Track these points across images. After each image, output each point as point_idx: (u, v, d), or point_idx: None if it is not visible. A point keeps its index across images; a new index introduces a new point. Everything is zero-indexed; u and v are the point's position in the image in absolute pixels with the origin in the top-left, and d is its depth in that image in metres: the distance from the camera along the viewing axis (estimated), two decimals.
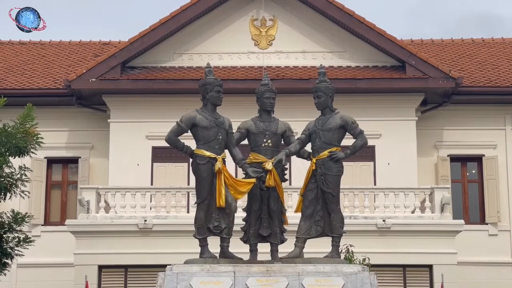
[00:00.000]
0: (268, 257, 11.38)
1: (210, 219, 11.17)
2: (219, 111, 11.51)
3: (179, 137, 11.30)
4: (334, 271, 10.66)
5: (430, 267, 20.55)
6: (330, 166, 11.26)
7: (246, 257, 11.38)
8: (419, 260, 20.49)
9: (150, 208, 21.01)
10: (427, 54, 25.02)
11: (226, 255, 11.22)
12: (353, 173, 21.10)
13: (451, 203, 21.43)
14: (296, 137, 11.69)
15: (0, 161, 13.56)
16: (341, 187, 11.59)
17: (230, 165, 11.48)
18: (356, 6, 24.31)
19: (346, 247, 17.03)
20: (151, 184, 22.83)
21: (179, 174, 22.41)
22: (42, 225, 23.50)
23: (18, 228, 15.66)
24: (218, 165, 11.05)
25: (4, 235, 15.58)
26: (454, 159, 24.53)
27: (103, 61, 23.74)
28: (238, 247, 11.47)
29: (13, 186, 14.56)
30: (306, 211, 11.35)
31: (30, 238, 15.85)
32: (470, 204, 24.46)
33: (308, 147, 11.68)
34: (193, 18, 24.07)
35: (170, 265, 10.87)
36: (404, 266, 20.54)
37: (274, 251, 11.44)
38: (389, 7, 56.83)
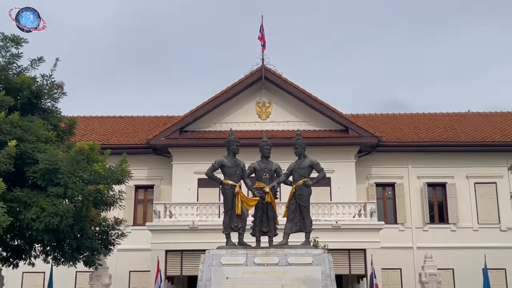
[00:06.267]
0: (267, 244, 11.27)
1: (232, 222, 11.10)
2: (237, 157, 11.50)
3: (213, 172, 11.29)
4: (306, 253, 10.58)
5: (364, 250, 20.39)
6: (304, 190, 11.19)
7: (253, 244, 11.29)
8: (358, 246, 20.38)
9: (196, 215, 20.99)
10: (361, 122, 25.11)
11: (241, 244, 11.12)
12: (317, 194, 20.92)
13: (377, 211, 21.41)
14: (283, 172, 11.64)
15: (107, 187, 13.56)
16: (310, 202, 11.50)
17: (244, 189, 11.43)
18: (318, 91, 24.54)
19: (314, 239, 16.92)
20: (197, 200, 22.77)
21: (214, 194, 22.33)
22: (131, 225, 23.41)
23: (117, 227, 15.65)
24: (237, 189, 11.01)
25: (109, 232, 15.57)
26: (378, 185, 24.52)
27: (168, 127, 23.98)
28: (249, 238, 11.37)
29: (115, 202, 14.56)
30: (289, 216, 11.27)
31: (124, 233, 15.83)
32: (388, 212, 24.33)
33: (290, 178, 11.65)
34: (222, 102, 24.30)
35: (208, 249, 10.81)
36: (349, 250, 20.37)
37: (270, 241, 11.32)
38: (339, 91, 57.12)
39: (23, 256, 14.72)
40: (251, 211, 11.47)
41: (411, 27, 62.94)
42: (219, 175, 11.26)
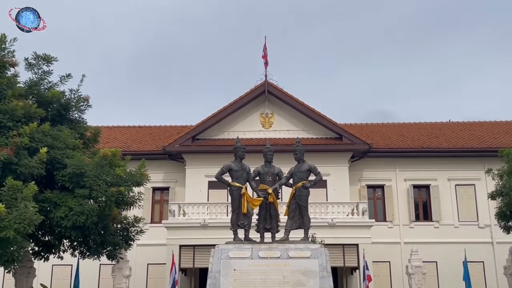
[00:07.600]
0: (270, 240, 11.21)
1: (239, 219, 11.04)
2: (243, 162, 11.43)
3: (222, 176, 11.24)
4: (305, 247, 10.51)
5: (357, 245, 20.25)
6: (303, 191, 11.12)
7: (258, 240, 11.22)
8: (351, 241, 20.25)
9: (207, 214, 20.91)
10: (354, 131, 25.00)
11: (247, 239, 11.06)
12: (315, 195, 20.80)
13: (368, 210, 21.30)
14: (284, 175, 11.58)
15: (127, 189, 13.57)
16: (308, 202, 11.44)
17: (249, 191, 11.36)
18: (315, 103, 24.53)
19: (311, 235, 16.81)
20: (208, 201, 22.69)
21: (222, 195, 22.26)
22: (149, 223, 23.33)
23: (137, 225, 15.61)
24: (243, 190, 10.94)
25: (129, 228, 15.53)
26: (369, 186, 24.38)
27: (182, 136, 23.91)
28: (253, 234, 11.31)
29: (134, 202, 14.54)
30: (290, 215, 11.21)
31: (143, 230, 15.78)
32: (378, 211, 24.22)
33: (291, 181, 11.59)
34: (230, 113, 24.25)
35: (217, 244, 10.74)
36: (343, 245, 20.24)
37: (273, 237, 11.25)
38: (334, 102, 57.05)
39: (53, 250, 14.72)
40: (256, 210, 11.42)
41: (397, 47, 63.02)
42: (227, 178, 11.22)
